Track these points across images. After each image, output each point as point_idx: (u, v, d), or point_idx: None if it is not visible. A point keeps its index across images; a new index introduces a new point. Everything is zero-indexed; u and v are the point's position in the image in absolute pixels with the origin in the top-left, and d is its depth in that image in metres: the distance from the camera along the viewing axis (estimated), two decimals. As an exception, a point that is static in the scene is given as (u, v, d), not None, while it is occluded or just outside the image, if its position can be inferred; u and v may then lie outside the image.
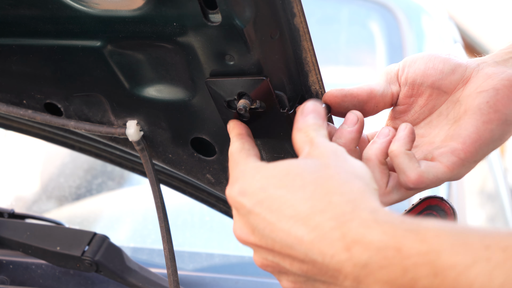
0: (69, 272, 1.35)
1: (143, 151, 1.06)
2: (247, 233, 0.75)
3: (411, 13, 2.35)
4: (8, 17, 0.96)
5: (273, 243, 0.72)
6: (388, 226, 0.67)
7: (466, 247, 0.63)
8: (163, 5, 0.84)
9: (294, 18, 0.82)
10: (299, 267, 0.72)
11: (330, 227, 0.69)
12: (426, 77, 0.91)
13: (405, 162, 0.84)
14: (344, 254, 0.68)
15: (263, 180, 0.75)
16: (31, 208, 2.13)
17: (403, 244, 0.65)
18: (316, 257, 0.69)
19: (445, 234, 0.65)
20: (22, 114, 1.10)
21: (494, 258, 0.61)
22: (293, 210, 0.71)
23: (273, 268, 0.75)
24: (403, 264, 0.65)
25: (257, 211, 0.73)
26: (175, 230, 1.20)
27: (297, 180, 0.73)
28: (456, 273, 0.62)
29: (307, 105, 0.84)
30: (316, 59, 0.85)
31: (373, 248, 0.66)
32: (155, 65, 0.94)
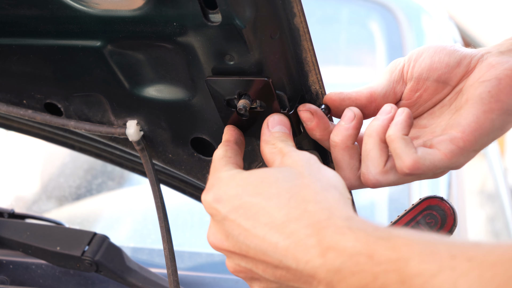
0: (69, 272, 1.35)
1: (143, 151, 1.06)
2: (221, 239, 0.76)
3: (411, 13, 2.35)
4: (8, 17, 0.96)
5: (247, 249, 0.73)
6: (361, 233, 0.69)
7: (433, 256, 0.65)
8: (163, 5, 0.84)
9: (294, 18, 0.81)
10: (272, 273, 0.73)
11: (305, 234, 0.71)
12: (432, 71, 0.90)
13: (402, 147, 0.83)
14: (318, 260, 0.69)
15: (238, 187, 0.76)
16: (31, 208, 2.13)
17: (375, 251, 0.67)
18: (290, 263, 0.71)
19: (414, 243, 0.67)
20: (22, 114, 1.10)
21: (459, 267, 0.63)
22: (268, 218, 0.73)
23: (246, 274, 0.77)
24: (374, 271, 0.66)
25: (231, 217, 0.75)
26: (175, 230, 1.20)
27: (272, 188, 0.75)
28: (422, 281, 0.64)
29: (272, 117, 0.87)
30: (316, 59, 0.85)
31: (346, 254, 0.68)
32: (155, 65, 0.94)
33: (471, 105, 0.85)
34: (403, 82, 0.92)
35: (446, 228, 0.90)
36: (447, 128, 0.87)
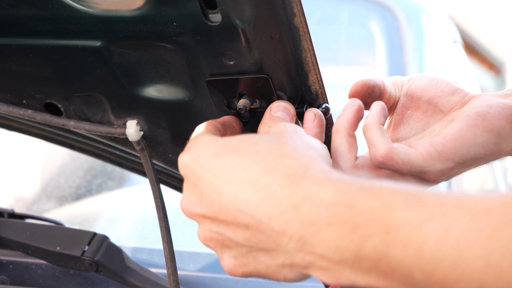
0: (69, 272, 1.35)
1: (143, 151, 1.06)
2: (194, 202, 0.73)
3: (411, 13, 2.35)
4: (8, 17, 0.96)
5: (219, 208, 0.71)
6: (341, 184, 0.66)
7: (421, 204, 0.62)
8: (163, 5, 0.84)
9: (294, 18, 0.82)
10: (242, 234, 0.70)
11: (279, 185, 0.68)
12: (425, 92, 0.91)
13: (377, 135, 0.82)
14: (291, 212, 0.66)
15: (218, 147, 0.74)
16: (31, 208, 2.13)
17: (356, 201, 0.64)
18: (261, 217, 0.68)
19: (400, 192, 0.63)
20: (22, 114, 1.10)
21: (450, 214, 0.60)
22: (243, 172, 0.70)
23: (216, 241, 0.73)
24: (354, 221, 0.63)
25: (206, 176, 0.72)
26: (175, 230, 1.20)
27: (251, 146, 0.73)
28: (410, 229, 0.61)
29: (277, 103, 0.85)
30: (316, 59, 0.85)
31: (323, 204, 0.65)
32: (155, 65, 0.94)
33: (456, 121, 0.85)
34: (400, 91, 0.93)
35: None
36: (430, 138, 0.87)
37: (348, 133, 0.84)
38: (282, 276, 0.71)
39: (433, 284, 0.60)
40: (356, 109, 0.85)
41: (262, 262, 0.71)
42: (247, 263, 0.72)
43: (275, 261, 0.70)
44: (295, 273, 0.70)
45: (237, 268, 0.73)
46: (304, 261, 0.67)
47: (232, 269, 0.74)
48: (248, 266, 0.73)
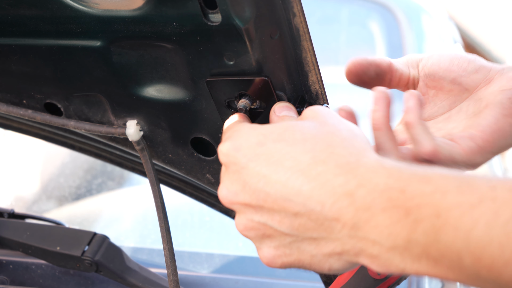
0: (69, 272, 1.35)
1: (143, 151, 1.06)
2: (236, 191, 0.72)
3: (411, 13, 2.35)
4: (8, 17, 0.96)
5: (266, 197, 0.70)
6: (394, 170, 0.66)
7: (472, 188, 0.61)
8: (163, 5, 0.84)
9: (294, 18, 0.81)
10: (290, 223, 0.69)
11: (333, 174, 0.67)
12: (448, 72, 0.90)
13: (422, 133, 0.81)
14: (346, 200, 0.66)
15: (260, 136, 0.73)
16: (31, 208, 2.13)
17: (408, 186, 0.64)
18: (314, 206, 0.67)
19: (451, 177, 0.63)
20: (22, 114, 1.10)
21: (500, 197, 0.60)
22: (293, 161, 0.69)
23: (257, 231, 0.72)
24: (406, 206, 0.63)
25: (251, 165, 0.71)
26: (175, 230, 1.20)
27: (297, 135, 0.72)
28: (460, 212, 0.60)
29: (279, 104, 0.84)
30: (316, 59, 0.85)
31: (377, 190, 0.65)
32: (155, 65, 0.94)
33: (490, 109, 0.86)
34: (418, 71, 0.92)
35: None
36: (466, 128, 0.87)
37: (388, 128, 0.83)
38: (328, 265, 0.70)
39: (481, 268, 0.60)
40: (388, 101, 0.83)
41: (307, 252, 0.70)
42: (289, 253, 0.72)
43: (323, 250, 0.69)
44: (342, 262, 0.69)
45: (277, 259, 0.72)
46: (356, 248, 0.67)
47: (272, 260, 0.73)
48: (290, 256, 0.72)
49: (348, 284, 0.93)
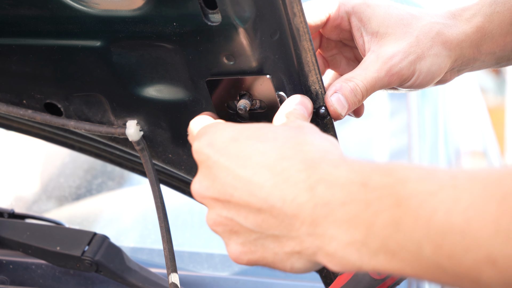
0: (69, 272, 1.35)
1: (143, 151, 1.06)
2: (207, 186, 0.72)
3: (411, 13, 2.34)
4: (8, 17, 0.96)
5: (233, 192, 0.70)
6: (356, 164, 0.66)
7: (433, 177, 0.61)
8: (163, 5, 0.84)
9: (294, 18, 0.81)
10: (254, 219, 0.69)
11: (296, 169, 0.68)
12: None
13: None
14: (305, 195, 0.66)
15: (235, 131, 0.73)
16: (31, 208, 2.13)
17: (369, 179, 0.64)
18: (275, 201, 0.67)
19: (413, 168, 0.63)
20: (22, 114, 1.10)
21: (460, 185, 0.59)
22: (261, 157, 0.70)
23: (225, 226, 0.72)
24: (367, 198, 0.63)
25: (222, 160, 0.71)
26: (175, 230, 1.20)
27: (269, 134, 0.72)
28: (420, 200, 0.60)
29: (300, 97, 0.85)
30: (316, 59, 0.85)
31: (337, 184, 0.65)
32: (155, 65, 0.94)
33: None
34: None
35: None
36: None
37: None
38: (290, 265, 0.70)
39: (441, 257, 0.59)
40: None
41: (271, 250, 0.70)
42: (254, 250, 0.71)
43: (284, 248, 0.69)
44: (303, 262, 0.69)
45: (243, 255, 0.72)
46: (313, 246, 0.66)
47: (238, 256, 0.73)
48: (255, 253, 0.72)
49: (348, 284, 0.93)
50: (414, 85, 0.94)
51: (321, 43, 1.03)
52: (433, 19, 0.95)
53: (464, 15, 0.96)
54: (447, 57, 0.94)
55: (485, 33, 0.95)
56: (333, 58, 1.03)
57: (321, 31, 1.01)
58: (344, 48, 1.03)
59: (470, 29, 0.95)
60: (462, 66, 0.98)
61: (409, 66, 0.92)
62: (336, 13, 0.97)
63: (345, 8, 0.96)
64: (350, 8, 0.96)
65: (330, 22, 0.98)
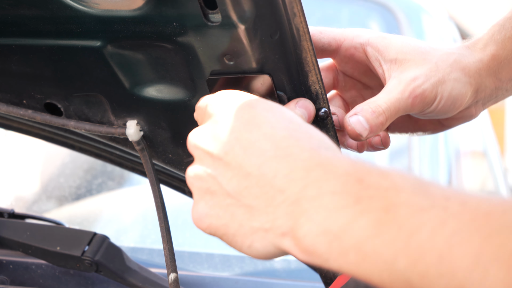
0: (69, 272, 1.35)
1: (143, 151, 1.06)
2: (205, 138, 0.72)
3: (411, 13, 2.35)
4: (8, 17, 0.96)
5: (229, 150, 0.69)
6: (358, 162, 0.66)
7: (427, 192, 0.61)
8: (163, 5, 0.84)
9: (294, 18, 0.82)
10: (237, 183, 0.68)
11: (300, 149, 0.67)
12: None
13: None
14: (300, 173, 0.65)
15: (253, 101, 0.73)
16: (31, 208, 2.13)
17: (366, 177, 0.63)
18: (267, 171, 0.67)
19: (409, 178, 0.63)
20: (22, 114, 1.10)
21: (451, 208, 0.59)
22: (270, 130, 0.69)
23: (204, 183, 0.71)
24: (359, 194, 0.62)
25: (231, 120, 0.71)
26: (175, 230, 1.20)
27: (287, 114, 0.72)
28: (409, 212, 0.59)
29: (303, 100, 0.86)
30: (316, 59, 0.85)
31: (335, 173, 0.64)
32: (155, 65, 0.94)
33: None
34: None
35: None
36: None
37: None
38: (249, 242, 0.68)
39: (414, 274, 0.58)
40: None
41: (238, 220, 0.68)
42: (221, 216, 0.70)
43: (253, 222, 0.67)
44: (264, 243, 0.67)
45: (207, 218, 0.70)
46: (285, 225, 0.65)
47: (201, 218, 0.71)
48: (220, 219, 0.70)
49: (348, 284, 0.93)
50: (437, 110, 0.94)
51: (338, 80, 1.03)
52: (449, 50, 0.96)
53: (477, 45, 0.97)
54: (468, 84, 0.95)
55: (500, 60, 0.96)
56: (353, 100, 1.03)
57: (335, 64, 1.02)
58: (365, 91, 1.03)
59: (486, 57, 0.96)
60: (486, 98, 0.98)
61: (431, 89, 0.92)
62: (349, 43, 0.97)
63: (359, 39, 0.97)
64: (365, 40, 0.96)
65: (342, 52, 0.98)
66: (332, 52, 0.99)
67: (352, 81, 1.03)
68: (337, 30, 0.99)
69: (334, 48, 0.98)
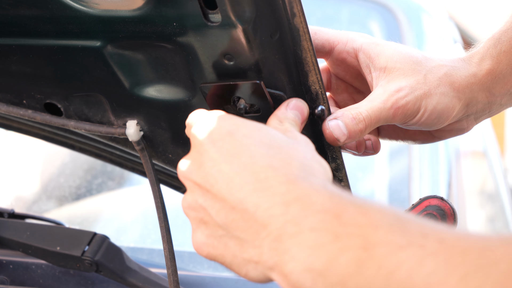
0: (69, 272, 1.35)
1: (143, 151, 1.06)
2: (192, 170, 0.73)
3: (411, 13, 2.35)
4: (8, 17, 0.96)
5: (213, 183, 0.71)
6: (335, 195, 0.66)
7: (404, 230, 0.61)
8: (163, 5, 0.84)
9: (294, 18, 0.82)
10: (225, 216, 0.70)
11: (278, 181, 0.68)
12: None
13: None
14: (279, 208, 0.66)
15: (234, 126, 0.74)
16: (31, 208, 2.13)
17: (344, 213, 0.64)
18: (249, 206, 0.68)
19: (387, 214, 0.63)
20: (22, 114, 1.10)
21: (428, 246, 0.59)
22: (250, 160, 0.70)
23: (197, 213, 0.73)
24: (337, 232, 0.63)
25: (213, 150, 0.72)
26: (175, 230, 1.20)
27: (266, 139, 0.73)
28: (387, 251, 0.60)
29: (295, 101, 0.85)
30: (316, 59, 0.85)
31: (313, 209, 0.65)
32: (155, 65, 0.94)
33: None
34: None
35: (446, 228, 0.90)
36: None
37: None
38: (244, 271, 0.70)
39: None
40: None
41: (231, 251, 0.71)
42: (216, 246, 0.72)
43: (244, 254, 0.69)
44: (257, 273, 0.69)
45: (205, 247, 0.73)
46: (272, 261, 0.66)
47: (200, 246, 0.73)
48: (216, 249, 0.72)
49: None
50: (419, 122, 0.93)
51: (331, 82, 1.03)
52: (441, 61, 0.95)
53: (473, 59, 0.97)
54: (455, 98, 0.94)
55: (495, 75, 0.95)
56: (345, 103, 1.03)
57: (327, 65, 1.02)
58: (357, 95, 1.03)
59: (480, 72, 0.95)
60: (478, 113, 0.98)
61: (415, 101, 0.92)
62: (342, 47, 0.97)
63: (353, 44, 0.97)
64: (358, 45, 0.96)
65: (335, 55, 0.98)
66: (325, 54, 0.99)
67: (344, 84, 1.03)
68: (331, 32, 0.99)
69: (327, 50, 0.99)
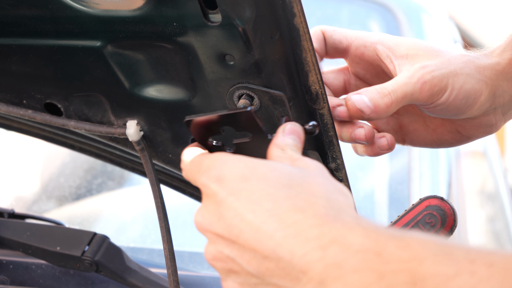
0: (69, 272, 1.35)
1: (143, 151, 1.06)
2: (211, 221, 0.70)
3: (411, 13, 2.35)
4: (8, 17, 0.96)
5: (239, 234, 0.68)
6: (371, 231, 0.64)
7: (450, 258, 0.60)
8: (163, 5, 0.84)
9: (294, 18, 0.81)
10: (258, 265, 0.67)
11: (308, 224, 0.65)
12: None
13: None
14: (317, 253, 0.64)
15: (245, 169, 0.70)
16: (31, 208, 2.13)
17: (384, 249, 0.62)
18: (284, 254, 0.65)
19: (429, 244, 0.62)
20: (22, 114, 1.10)
21: (479, 272, 0.58)
22: (272, 204, 0.67)
23: (225, 264, 0.70)
24: (381, 270, 0.61)
25: (230, 199, 0.69)
26: (175, 230, 1.20)
27: (283, 179, 0.70)
28: (437, 283, 0.58)
29: (290, 125, 0.80)
30: (316, 59, 0.85)
31: (352, 249, 0.63)
32: (155, 65, 0.94)
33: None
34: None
35: (446, 228, 0.90)
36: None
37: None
38: None
39: None
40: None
41: None
42: None
43: None
44: None
45: None
46: None
47: None
48: None
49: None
50: (447, 102, 0.91)
51: (350, 83, 1.02)
52: (463, 52, 0.95)
53: (495, 52, 0.96)
54: (482, 82, 0.92)
55: None
56: None
57: (347, 66, 1.01)
58: None
59: (503, 61, 0.94)
60: (505, 106, 0.96)
61: (441, 78, 0.90)
62: (359, 41, 0.97)
63: (370, 38, 0.97)
64: (376, 39, 0.96)
65: (353, 51, 0.98)
66: (343, 50, 0.99)
67: (364, 84, 1.01)
68: (349, 30, 0.99)
69: (345, 46, 0.98)
